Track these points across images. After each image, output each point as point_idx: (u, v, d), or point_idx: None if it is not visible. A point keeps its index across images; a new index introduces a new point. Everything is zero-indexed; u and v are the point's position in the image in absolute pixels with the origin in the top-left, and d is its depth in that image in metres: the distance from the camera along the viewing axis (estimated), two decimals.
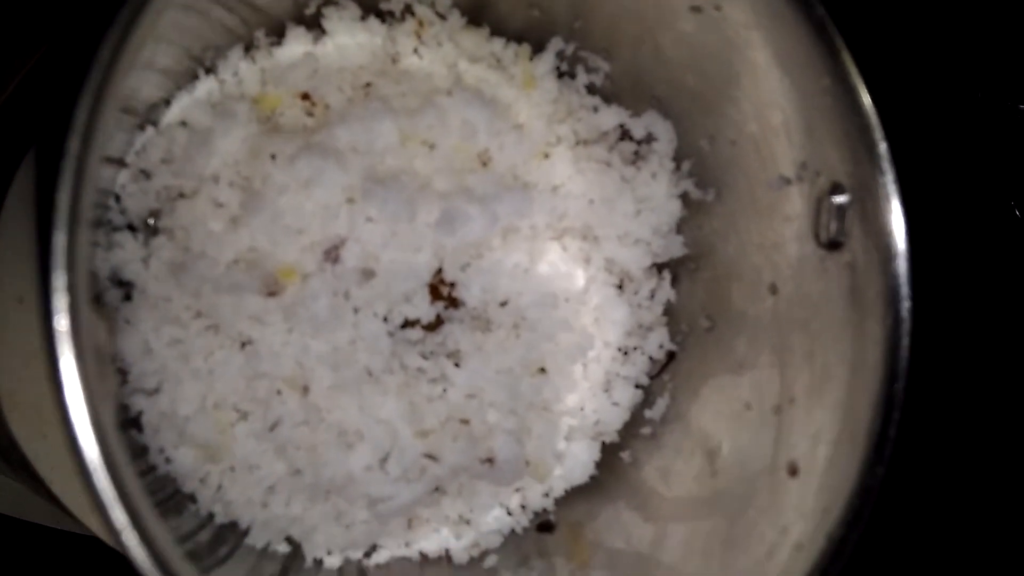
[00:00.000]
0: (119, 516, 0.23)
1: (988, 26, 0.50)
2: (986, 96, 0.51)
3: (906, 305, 0.33)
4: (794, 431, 0.36)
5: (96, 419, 0.22)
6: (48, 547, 0.53)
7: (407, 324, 0.41)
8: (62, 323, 0.21)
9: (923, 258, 0.33)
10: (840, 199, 0.34)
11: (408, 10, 0.42)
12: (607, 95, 0.44)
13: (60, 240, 0.22)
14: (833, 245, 0.35)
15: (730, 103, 0.38)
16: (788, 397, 0.37)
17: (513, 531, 0.44)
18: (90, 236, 0.36)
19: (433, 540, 0.44)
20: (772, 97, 0.36)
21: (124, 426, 0.37)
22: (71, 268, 0.22)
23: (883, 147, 0.33)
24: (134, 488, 0.24)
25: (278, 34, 0.41)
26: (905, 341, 0.33)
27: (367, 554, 0.43)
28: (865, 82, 0.33)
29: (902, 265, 0.33)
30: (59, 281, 0.21)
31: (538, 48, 0.43)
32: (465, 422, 0.41)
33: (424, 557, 0.44)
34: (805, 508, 0.34)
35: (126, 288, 0.38)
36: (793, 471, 0.36)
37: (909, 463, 0.40)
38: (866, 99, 0.33)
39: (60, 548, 0.52)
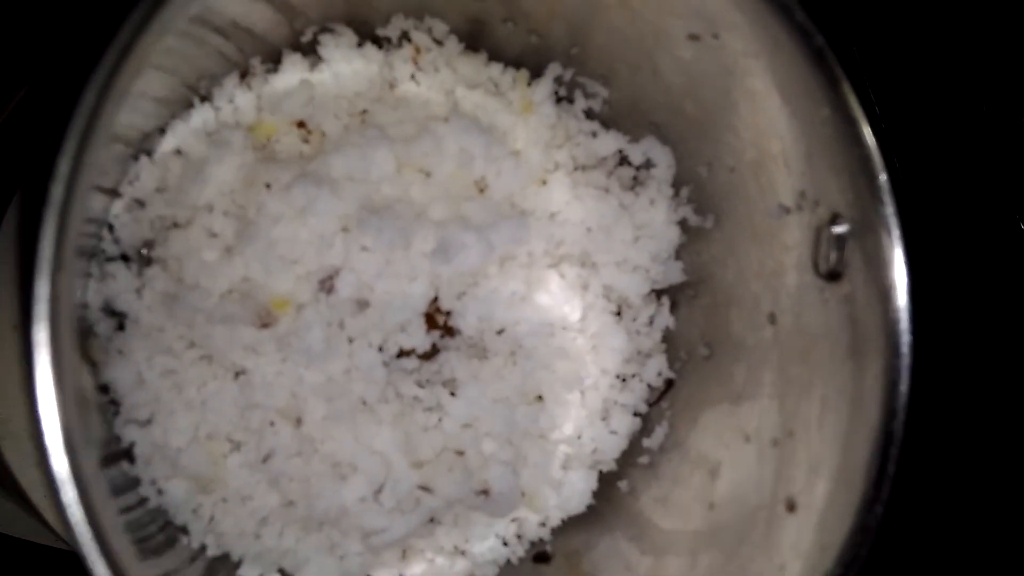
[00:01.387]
0: (101, 571, 0.22)
1: (993, 39, 0.50)
2: (991, 110, 0.50)
3: (906, 340, 0.32)
4: (793, 465, 0.36)
5: (76, 468, 0.22)
6: (43, 565, 0.52)
7: (402, 353, 0.41)
8: (44, 376, 0.21)
9: (927, 273, 0.32)
10: (839, 229, 0.34)
11: (405, 36, 0.42)
12: (605, 121, 0.43)
13: (43, 290, 0.21)
14: (832, 276, 0.35)
15: (728, 130, 0.38)
16: (787, 430, 0.37)
17: (509, 562, 0.44)
18: (82, 267, 0.36)
19: (427, 571, 0.43)
20: (771, 125, 0.36)
21: (115, 458, 0.37)
22: (54, 317, 0.22)
23: (883, 179, 0.32)
24: (116, 536, 0.24)
25: (274, 61, 0.41)
26: (905, 376, 0.32)
27: None
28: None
29: (902, 299, 0.32)
30: (40, 334, 0.21)
31: (536, 73, 0.43)
32: (460, 453, 0.41)
33: None
34: (802, 546, 0.34)
35: (119, 318, 0.38)
36: (791, 507, 0.35)
37: (910, 501, 0.39)
38: (867, 130, 0.32)
39: (55, 566, 0.52)
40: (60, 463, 0.22)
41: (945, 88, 0.50)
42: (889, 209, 0.32)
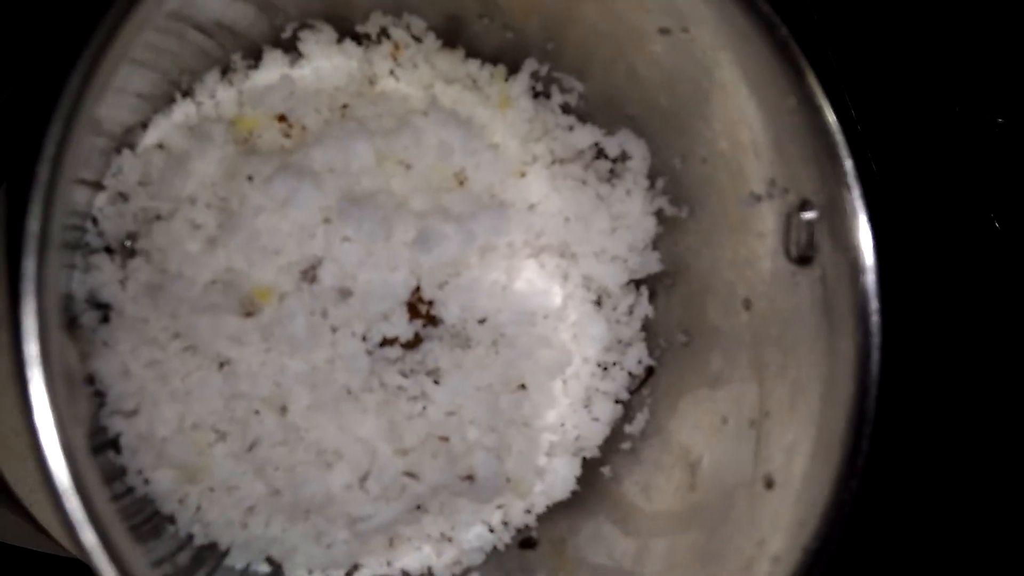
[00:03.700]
0: (89, 537, 0.23)
1: (965, 40, 0.51)
2: (964, 110, 0.51)
3: (875, 320, 0.33)
4: (770, 444, 0.37)
5: (66, 442, 0.22)
6: (29, 570, 0.52)
7: (385, 342, 0.41)
8: (32, 348, 0.22)
9: (904, 271, 0.33)
10: (809, 215, 0.35)
11: (384, 33, 0.42)
12: (582, 114, 0.44)
13: (30, 266, 0.22)
14: (803, 260, 0.35)
15: (701, 121, 0.39)
16: (763, 411, 0.38)
17: (495, 548, 0.44)
18: (66, 259, 0.36)
19: (415, 558, 0.43)
20: (741, 116, 0.36)
21: (101, 448, 0.37)
22: (41, 293, 0.22)
23: (848, 164, 0.33)
24: (106, 511, 0.24)
25: (255, 57, 0.41)
26: (875, 355, 0.33)
27: (348, 574, 0.43)
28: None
29: (871, 279, 0.33)
30: (28, 306, 0.22)
31: (513, 69, 0.44)
32: (444, 439, 0.41)
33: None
34: (781, 521, 0.34)
35: (103, 310, 0.38)
36: (769, 484, 0.36)
37: (885, 476, 0.40)
38: (831, 117, 0.33)
39: (41, 571, 0.52)
40: (49, 437, 0.22)
41: (919, 90, 0.51)
42: (855, 192, 0.33)
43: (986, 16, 0.51)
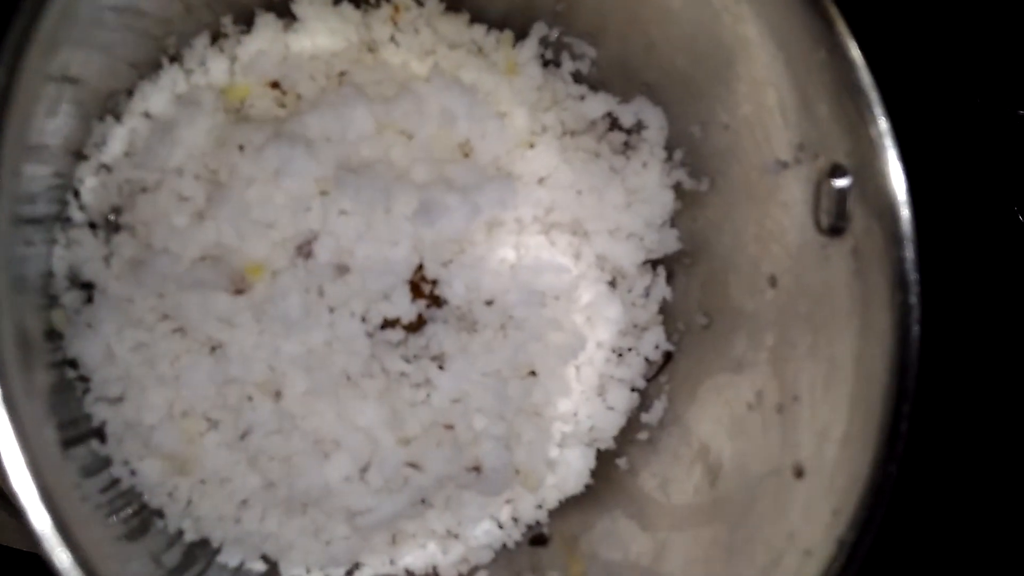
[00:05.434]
0: (37, 515, 0.20)
1: (986, 32, 0.50)
2: (985, 102, 0.50)
3: (915, 291, 0.31)
4: (799, 430, 0.35)
5: (9, 395, 0.20)
6: (28, 573, 0.50)
7: (387, 324, 0.39)
8: None
9: (928, 263, 0.31)
10: (840, 182, 0.33)
11: None
12: (594, 83, 0.42)
13: None
14: (834, 231, 0.33)
15: (722, 84, 0.37)
16: (792, 395, 0.36)
17: (504, 546, 0.43)
18: (46, 234, 0.35)
19: (419, 556, 0.42)
20: (766, 74, 0.34)
21: (85, 437, 0.35)
22: None
23: (884, 123, 0.31)
24: (66, 485, 0.22)
25: (246, 21, 0.40)
26: (915, 329, 0.31)
27: (349, 572, 0.41)
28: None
29: (909, 248, 0.31)
30: None
31: (521, 35, 0.42)
32: (450, 428, 0.39)
33: (410, 575, 0.42)
34: (813, 512, 0.33)
35: (87, 289, 0.37)
36: (799, 473, 0.34)
37: (923, 460, 0.39)
38: (865, 72, 0.31)
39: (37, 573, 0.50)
40: None
41: (940, 83, 0.50)
42: (892, 154, 0.31)
43: (1008, 8, 0.50)
